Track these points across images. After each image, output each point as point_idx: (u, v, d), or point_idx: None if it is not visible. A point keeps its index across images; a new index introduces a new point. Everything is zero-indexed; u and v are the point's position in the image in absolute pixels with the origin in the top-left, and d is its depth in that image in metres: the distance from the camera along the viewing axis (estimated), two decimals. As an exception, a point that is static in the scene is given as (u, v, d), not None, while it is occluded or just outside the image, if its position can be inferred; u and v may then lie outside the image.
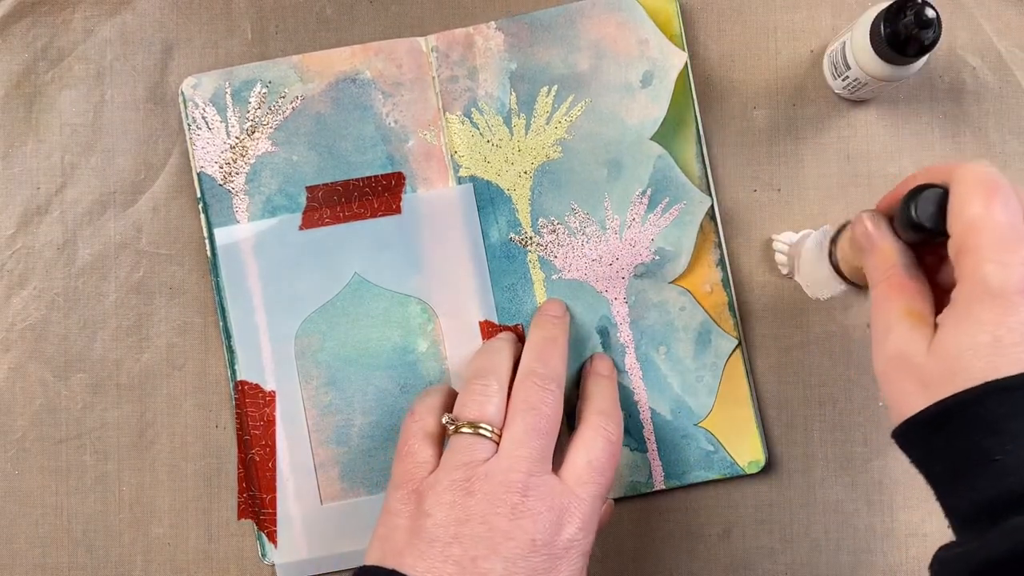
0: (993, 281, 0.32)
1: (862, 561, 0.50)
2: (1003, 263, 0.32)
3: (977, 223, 0.33)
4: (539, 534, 0.39)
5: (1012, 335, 0.32)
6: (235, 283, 0.50)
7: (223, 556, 0.50)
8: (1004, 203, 0.33)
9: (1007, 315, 0.32)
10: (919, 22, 0.42)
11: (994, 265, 0.32)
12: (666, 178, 0.49)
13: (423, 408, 0.44)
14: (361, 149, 0.50)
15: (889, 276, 0.37)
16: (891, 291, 0.36)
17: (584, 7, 0.50)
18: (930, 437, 0.34)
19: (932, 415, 0.33)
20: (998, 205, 0.33)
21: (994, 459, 0.32)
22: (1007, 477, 0.32)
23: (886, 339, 0.36)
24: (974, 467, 0.32)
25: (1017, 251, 0.33)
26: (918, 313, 0.35)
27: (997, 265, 0.32)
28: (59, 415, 0.51)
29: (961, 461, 0.33)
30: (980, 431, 0.32)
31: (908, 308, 0.36)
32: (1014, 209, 0.34)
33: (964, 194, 0.34)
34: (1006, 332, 0.32)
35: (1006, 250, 0.33)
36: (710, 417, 0.50)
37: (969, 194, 0.34)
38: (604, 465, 0.42)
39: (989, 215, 0.33)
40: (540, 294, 0.50)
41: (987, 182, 0.34)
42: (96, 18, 0.51)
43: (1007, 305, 0.32)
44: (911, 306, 0.36)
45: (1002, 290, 0.32)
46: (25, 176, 0.51)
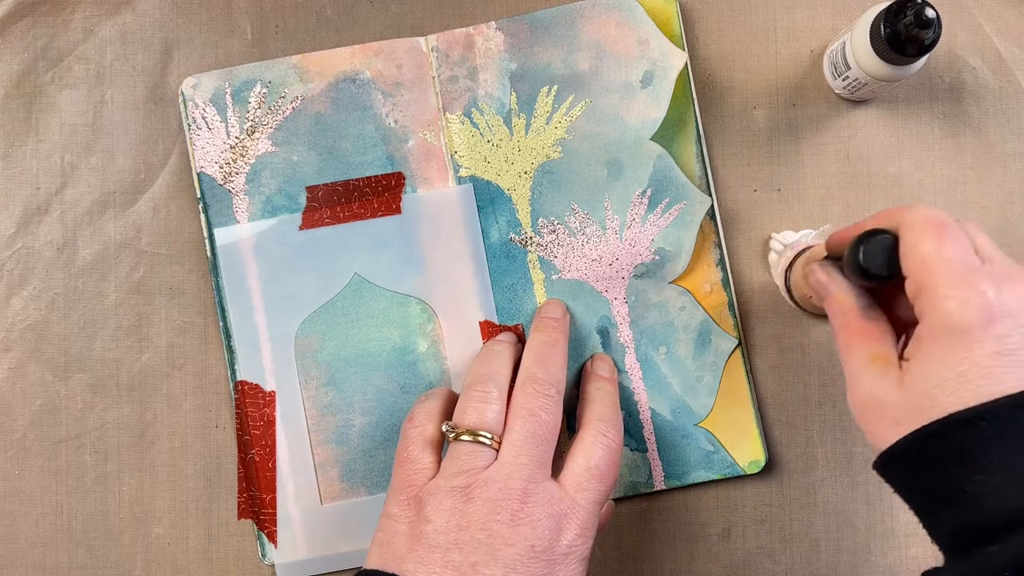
0: (953, 317, 0.33)
1: (862, 561, 0.50)
2: (960, 299, 0.33)
3: (932, 262, 0.34)
4: (539, 540, 0.40)
5: (976, 369, 0.33)
6: (235, 283, 0.50)
7: (223, 556, 0.50)
8: (955, 241, 0.35)
9: (970, 350, 0.33)
10: (919, 22, 0.42)
11: (953, 301, 0.34)
12: (666, 178, 0.49)
13: (422, 413, 0.44)
14: (361, 149, 0.50)
15: (848, 322, 0.38)
16: (852, 338, 0.38)
17: (584, 7, 0.50)
18: (905, 469, 0.35)
19: (902, 448, 0.35)
20: (950, 243, 0.35)
21: (964, 489, 0.33)
22: (975, 507, 0.32)
23: (858, 384, 0.37)
24: (945, 498, 0.33)
25: (973, 285, 0.34)
26: (882, 356, 0.37)
27: (956, 301, 0.33)
28: (59, 415, 0.51)
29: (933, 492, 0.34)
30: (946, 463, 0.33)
31: (872, 354, 0.37)
32: (965, 246, 0.35)
33: (915, 236, 0.35)
34: (969, 366, 0.33)
35: (963, 286, 0.34)
36: (710, 417, 0.50)
37: (920, 235, 0.35)
38: (604, 471, 0.43)
39: (941, 253, 0.34)
40: (540, 294, 0.50)
41: (936, 222, 0.35)
42: (96, 18, 0.51)
43: (969, 340, 0.33)
44: (874, 351, 0.37)
45: (963, 325, 0.33)
46: (25, 176, 0.51)
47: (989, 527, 0.32)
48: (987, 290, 0.33)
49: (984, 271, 0.34)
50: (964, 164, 0.51)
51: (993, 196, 0.51)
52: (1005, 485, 0.32)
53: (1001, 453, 0.32)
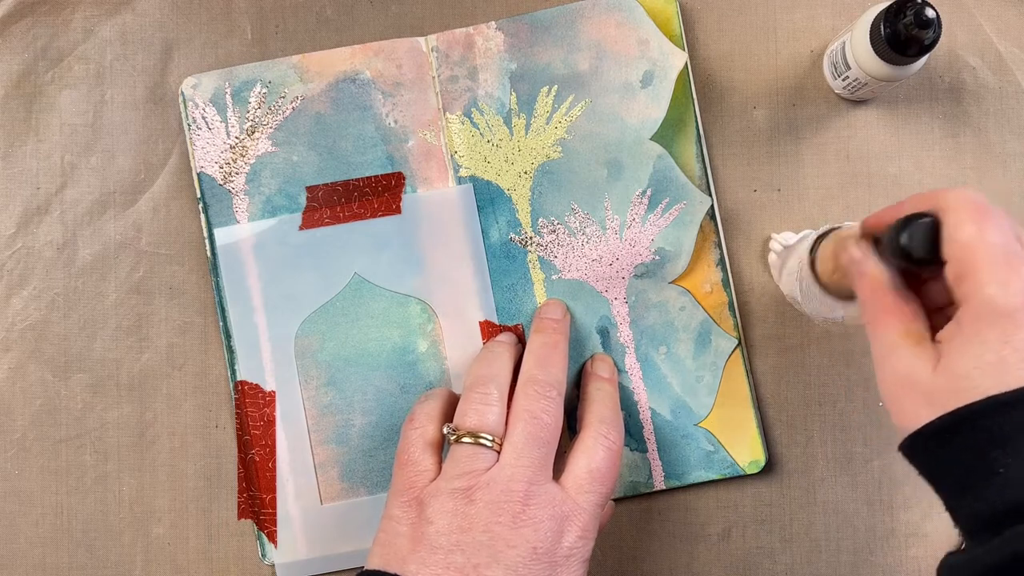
0: (997, 301, 0.33)
1: (862, 561, 0.50)
2: (1003, 283, 0.33)
3: (974, 246, 0.34)
4: (540, 542, 0.40)
5: (1017, 353, 0.33)
6: (235, 283, 0.50)
7: (223, 556, 0.50)
8: (997, 225, 0.35)
9: (1012, 333, 0.33)
10: (919, 22, 0.42)
11: (996, 286, 0.33)
12: (666, 178, 0.49)
13: (423, 414, 0.44)
14: (361, 149, 0.50)
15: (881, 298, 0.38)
16: (885, 315, 0.37)
17: (584, 7, 0.50)
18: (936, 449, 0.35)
19: (938, 428, 0.34)
20: (992, 227, 0.34)
21: (998, 472, 0.33)
22: (1009, 489, 0.32)
23: (889, 361, 0.36)
24: (979, 479, 0.33)
25: (1016, 270, 0.34)
26: (916, 334, 0.36)
27: (998, 286, 0.33)
28: (59, 415, 0.51)
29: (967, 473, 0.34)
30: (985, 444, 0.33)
31: (906, 330, 0.36)
32: (1008, 231, 0.35)
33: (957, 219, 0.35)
34: (1011, 351, 0.33)
35: (1005, 270, 0.34)
36: (710, 417, 0.50)
37: (963, 219, 0.35)
38: (605, 473, 0.43)
39: (984, 238, 0.34)
40: (540, 294, 0.50)
41: (978, 206, 0.35)
42: (96, 18, 0.51)
43: (1011, 324, 0.33)
44: (908, 328, 0.36)
45: (1005, 309, 0.33)
46: (25, 176, 0.51)
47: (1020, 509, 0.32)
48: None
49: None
50: (964, 164, 0.51)
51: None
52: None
53: None
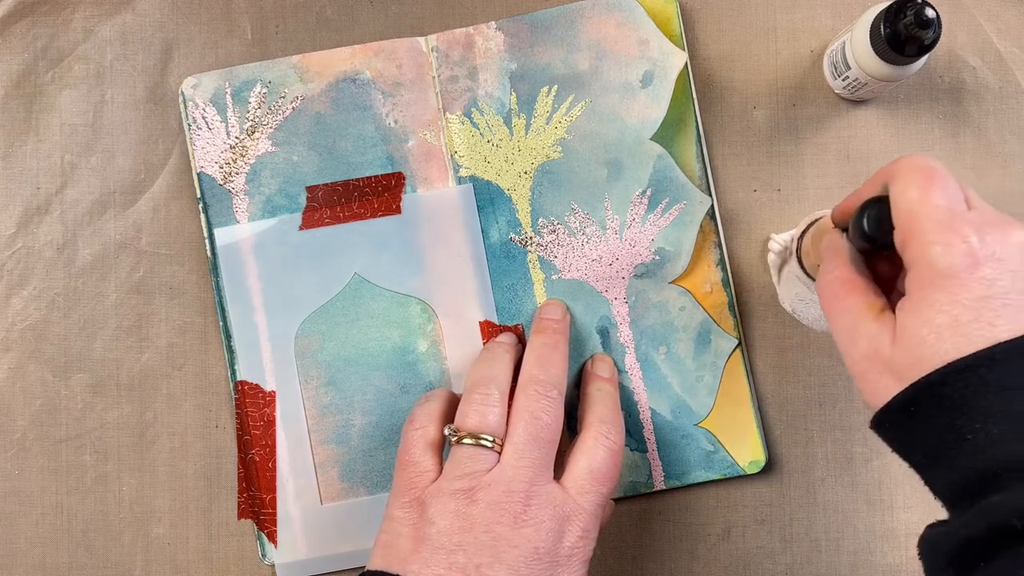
0: (939, 263, 0.33)
1: (862, 561, 0.50)
2: (946, 243, 0.33)
3: (916, 209, 0.34)
4: (542, 542, 0.40)
5: (967, 312, 0.33)
6: (235, 283, 0.50)
7: (223, 556, 0.50)
8: (942, 188, 0.34)
9: (959, 293, 0.33)
10: (919, 22, 0.42)
11: (939, 247, 0.33)
12: (666, 178, 0.49)
13: (423, 415, 0.44)
14: (361, 149, 0.50)
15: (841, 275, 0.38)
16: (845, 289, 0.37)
17: (584, 7, 0.50)
18: (904, 423, 0.35)
19: (901, 401, 0.34)
20: (936, 189, 0.34)
21: (965, 438, 0.32)
22: (979, 455, 0.32)
23: (855, 338, 0.36)
24: (948, 448, 0.33)
25: (958, 231, 0.33)
26: (878, 306, 0.36)
27: (941, 246, 0.33)
28: (59, 415, 0.51)
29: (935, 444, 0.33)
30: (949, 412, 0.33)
31: (867, 303, 0.36)
32: (953, 193, 0.35)
33: (902, 185, 0.35)
34: (961, 310, 0.33)
35: (947, 231, 0.33)
36: (710, 417, 0.50)
37: (906, 183, 0.35)
38: (606, 474, 0.43)
39: (927, 200, 0.34)
40: (540, 294, 0.50)
41: (923, 169, 0.35)
42: (96, 18, 0.51)
43: (957, 284, 0.33)
44: (868, 300, 0.36)
45: (950, 270, 0.33)
46: (25, 176, 0.51)
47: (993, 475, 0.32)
48: (971, 235, 0.33)
49: (969, 217, 0.34)
50: (964, 164, 0.51)
51: (993, 196, 0.50)
52: (1007, 432, 0.31)
53: (1000, 400, 0.32)
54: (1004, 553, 0.31)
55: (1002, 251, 0.33)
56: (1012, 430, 0.32)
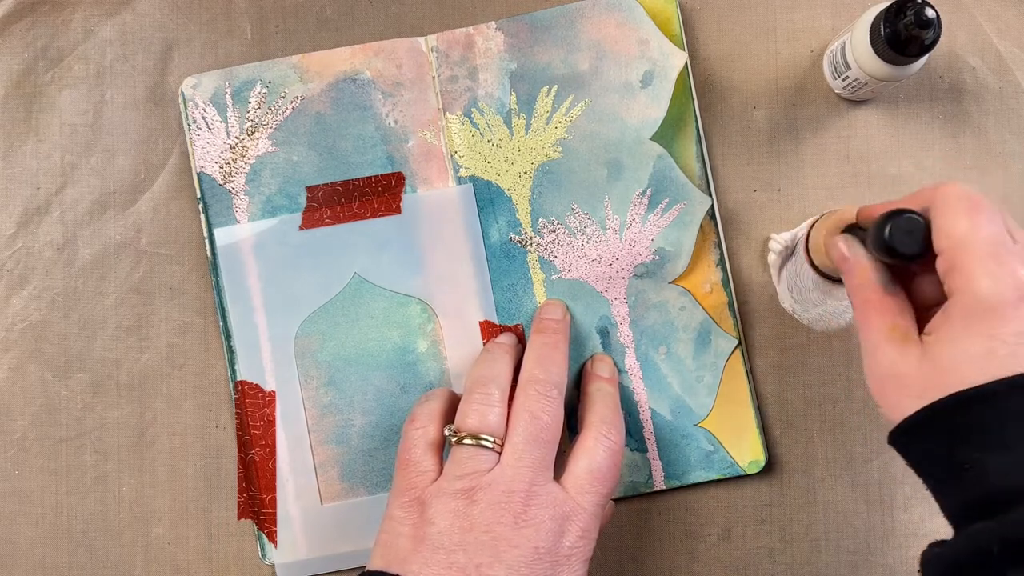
0: (986, 293, 0.33)
1: (862, 561, 0.50)
2: (994, 276, 0.34)
3: (966, 240, 0.34)
4: (542, 542, 0.40)
5: (1003, 347, 0.33)
6: (235, 283, 0.50)
7: (223, 556, 0.50)
8: (989, 219, 0.35)
9: (1001, 326, 0.33)
10: (919, 22, 0.42)
11: (986, 279, 0.34)
12: (666, 178, 0.49)
13: (424, 415, 0.44)
14: (361, 149, 0.50)
15: (868, 296, 0.38)
16: (872, 311, 0.37)
17: (584, 7, 0.50)
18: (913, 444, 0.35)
19: (912, 423, 0.35)
20: (984, 220, 0.35)
21: (964, 467, 0.33)
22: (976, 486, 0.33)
23: (876, 357, 0.37)
24: (951, 474, 0.34)
25: (1006, 263, 0.34)
26: (902, 329, 0.37)
27: (989, 279, 0.34)
28: (59, 415, 0.51)
29: (939, 469, 0.35)
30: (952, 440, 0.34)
31: (892, 325, 0.37)
32: (998, 224, 0.35)
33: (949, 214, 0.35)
34: (999, 344, 0.33)
35: (996, 263, 0.34)
36: (710, 417, 0.50)
37: (954, 213, 0.35)
38: (606, 474, 0.43)
39: (975, 231, 0.34)
40: (540, 294, 0.50)
41: (970, 200, 0.35)
42: (96, 18, 0.51)
43: (1000, 316, 0.33)
44: (893, 323, 0.37)
45: (995, 302, 0.33)
46: (25, 176, 0.51)
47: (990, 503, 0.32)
48: (1020, 269, 0.34)
49: (1017, 251, 0.34)
50: (964, 164, 0.51)
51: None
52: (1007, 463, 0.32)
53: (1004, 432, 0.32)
54: None
55: None
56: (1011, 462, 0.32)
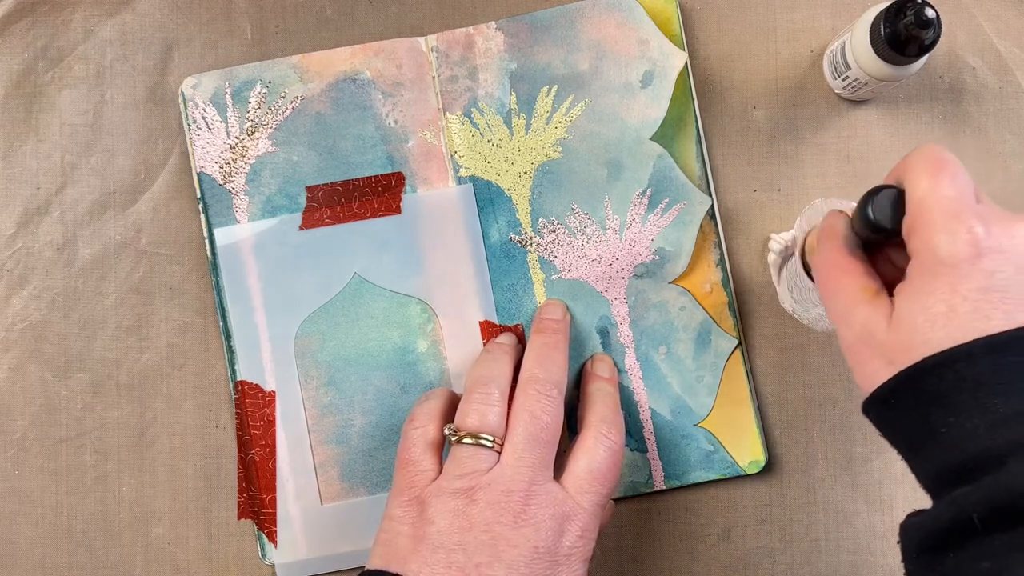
0: (942, 251, 0.33)
1: (862, 561, 0.50)
2: (950, 232, 0.33)
3: (925, 199, 0.34)
4: (541, 541, 0.40)
5: (965, 303, 0.33)
6: (235, 283, 0.50)
7: (223, 556, 0.50)
8: (951, 178, 0.34)
9: (959, 283, 0.33)
10: (919, 22, 0.42)
11: (943, 236, 0.33)
12: (666, 178, 0.49)
13: (423, 414, 0.44)
14: (361, 149, 0.50)
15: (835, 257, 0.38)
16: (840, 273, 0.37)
17: (584, 7, 0.50)
18: (887, 411, 0.35)
19: (885, 391, 0.34)
20: (946, 179, 0.34)
21: (940, 431, 0.33)
22: (951, 450, 0.32)
23: (848, 318, 0.36)
24: (925, 441, 0.33)
25: (964, 221, 0.33)
26: (872, 288, 0.36)
27: (946, 235, 0.33)
28: (59, 415, 0.51)
29: (914, 435, 0.34)
30: (926, 405, 0.33)
31: (861, 285, 0.36)
32: (962, 184, 0.34)
33: (912, 176, 0.35)
34: (959, 300, 0.33)
35: (953, 220, 0.33)
36: (710, 417, 0.50)
37: (917, 174, 0.35)
38: (605, 474, 0.43)
39: (935, 190, 0.34)
40: (540, 294, 0.50)
41: (933, 160, 0.35)
42: (96, 18, 0.51)
43: (958, 274, 0.33)
44: (864, 283, 0.36)
45: (952, 259, 0.33)
46: (25, 176, 0.51)
47: (964, 469, 0.32)
48: (976, 226, 0.33)
49: (976, 209, 0.34)
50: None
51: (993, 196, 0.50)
52: (979, 427, 0.32)
53: (976, 395, 0.32)
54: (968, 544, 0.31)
55: (1007, 244, 0.33)
56: (984, 425, 0.32)
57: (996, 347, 0.32)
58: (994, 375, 0.32)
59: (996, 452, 0.31)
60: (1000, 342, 0.32)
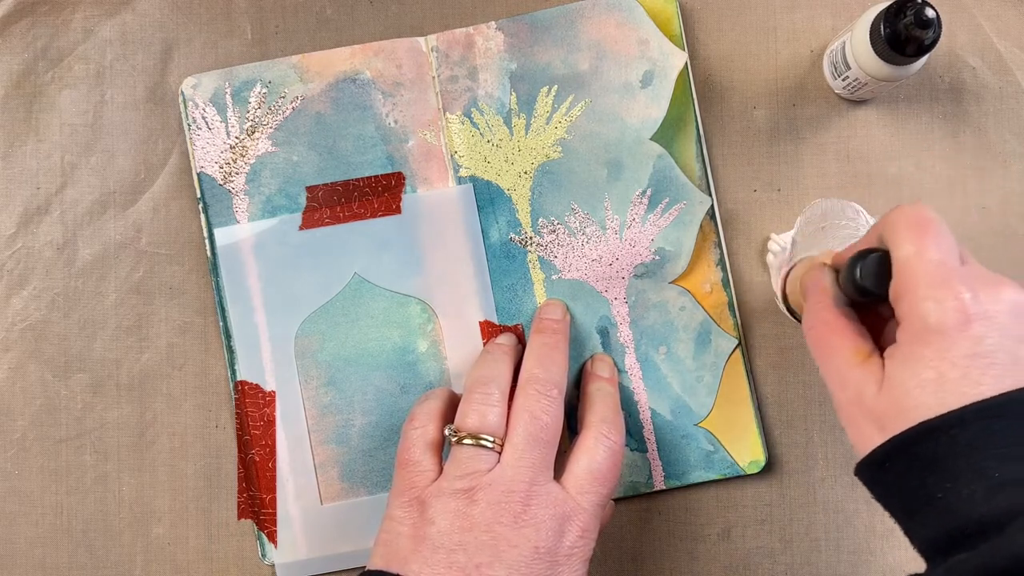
0: (931, 319, 0.33)
1: (862, 561, 0.50)
2: (938, 300, 0.33)
3: (910, 264, 0.34)
4: (542, 542, 0.40)
5: (955, 370, 0.33)
6: (235, 283, 0.50)
7: (223, 556, 0.50)
8: (936, 242, 0.34)
9: (948, 350, 0.33)
10: (919, 22, 0.42)
11: (931, 303, 0.33)
12: (666, 178, 0.49)
13: (423, 414, 0.44)
14: (361, 149, 0.50)
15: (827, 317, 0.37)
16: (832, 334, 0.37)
17: (584, 7, 0.50)
18: (881, 476, 0.35)
19: (879, 456, 0.34)
20: (930, 243, 0.34)
21: (936, 497, 0.33)
22: (947, 516, 0.32)
23: (842, 381, 0.36)
24: (921, 506, 0.33)
25: (951, 287, 0.33)
26: (865, 351, 0.36)
27: (933, 303, 0.33)
28: (59, 415, 0.51)
29: (909, 500, 0.34)
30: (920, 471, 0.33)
31: (855, 348, 0.36)
32: (947, 246, 0.34)
33: (896, 239, 0.35)
34: (949, 367, 0.33)
35: (940, 287, 0.33)
36: (710, 417, 0.50)
37: (902, 237, 0.35)
38: (606, 474, 0.43)
39: (921, 255, 0.34)
40: (540, 294, 0.50)
41: (917, 222, 0.35)
42: (96, 18, 0.51)
43: (946, 341, 0.33)
44: (858, 346, 0.36)
45: (940, 327, 0.33)
46: (25, 176, 0.51)
47: (961, 535, 0.32)
48: (964, 292, 0.33)
49: (962, 273, 0.34)
50: (964, 164, 0.51)
51: (993, 196, 0.51)
52: (976, 493, 0.32)
53: (971, 461, 0.32)
54: None
55: (993, 309, 0.33)
56: (981, 491, 0.32)
57: (988, 412, 0.32)
58: (988, 440, 0.32)
59: (993, 518, 0.31)
60: (992, 407, 0.32)
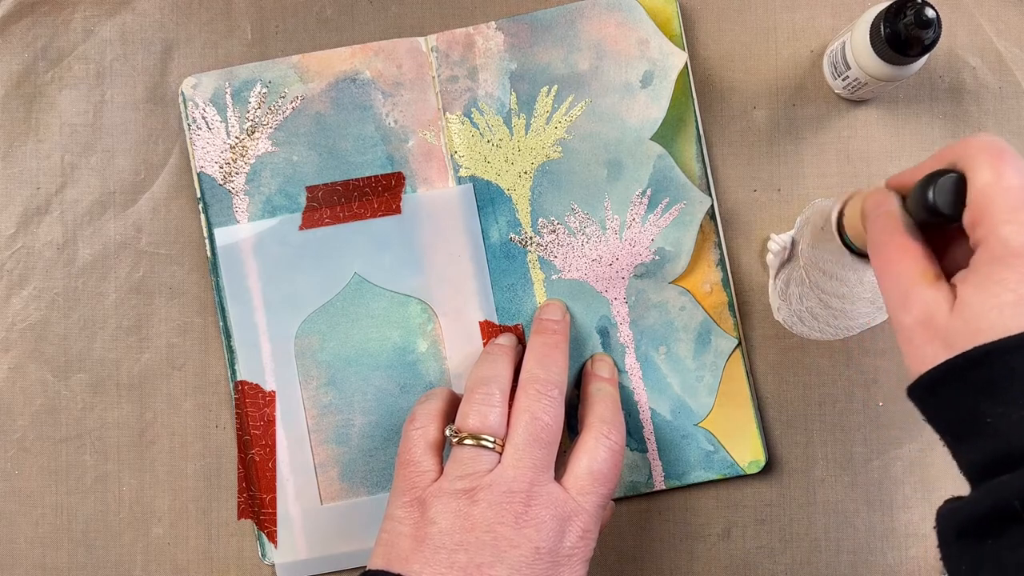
0: (1013, 242, 0.33)
1: (862, 561, 0.50)
2: (1020, 223, 0.33)
3: (990, 190, 0.34)
4: (543, 542, 0.40)
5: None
6: (235, 283, 0.50)
7: (223, 556, 0.50)
8: (1015, 167, 0.34)
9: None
10: (919, 22, 0.42)
11: (1013, 226, 0.33)
12: (666, 178, 0.49)
13: (424, 414, 0.44)
14: (361, 149, 0.50)
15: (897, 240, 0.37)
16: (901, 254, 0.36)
17: (584, 7, 0.50)
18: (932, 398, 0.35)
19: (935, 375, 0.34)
20: (1009, 170, 0.34)
21: (986, 421, 0.33)
22: (997, 439, 0.32)
23: (908, 300, 0.36)
24: (971, 428, 0.33)
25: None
26: (934, 274, 0.36)
27: (1015, 226, 0.33)
28: (59, 415, 0.51)
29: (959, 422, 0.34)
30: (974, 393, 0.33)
31: (923, 270, 0.36)
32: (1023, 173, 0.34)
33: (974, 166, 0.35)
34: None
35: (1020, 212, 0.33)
36: (710, 417, 0.50)
37: (979, 162, 0.34)
38: (606, 474, 0.43)
39: (1000, 181, 0.34)
40: (540, 294, 0.50)
41: (994, 149, 0.35)
42: (96, 18, 0.51)
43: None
44: (925, 267, 0.36)
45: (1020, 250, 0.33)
46: (25, 176, 0.51)
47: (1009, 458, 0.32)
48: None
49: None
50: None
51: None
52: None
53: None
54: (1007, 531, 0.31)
55: None
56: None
57: None
58: None
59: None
60: None
